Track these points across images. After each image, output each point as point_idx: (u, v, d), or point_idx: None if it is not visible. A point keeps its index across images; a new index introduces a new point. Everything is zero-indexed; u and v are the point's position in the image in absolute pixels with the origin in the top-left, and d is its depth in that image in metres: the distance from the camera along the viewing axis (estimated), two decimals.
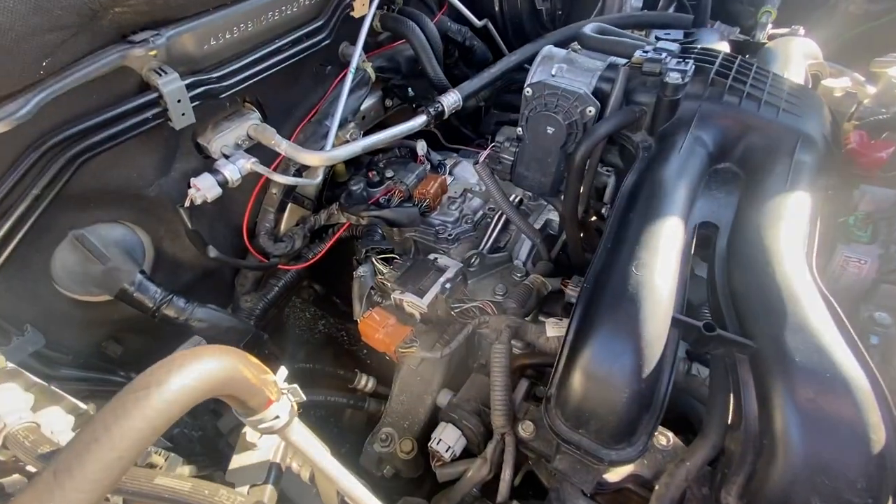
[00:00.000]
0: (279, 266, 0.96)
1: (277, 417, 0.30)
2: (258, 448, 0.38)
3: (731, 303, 0.46)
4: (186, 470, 0.43)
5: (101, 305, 0.71)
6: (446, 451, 0.59)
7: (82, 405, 0.42)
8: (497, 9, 1.19)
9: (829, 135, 0.57)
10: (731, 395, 0.44)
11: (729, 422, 0.47)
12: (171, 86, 0.61)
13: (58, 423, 0.33)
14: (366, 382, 1.02)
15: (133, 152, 0.66)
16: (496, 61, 1.06)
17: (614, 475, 0.51)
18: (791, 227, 0.47)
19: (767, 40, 0.86)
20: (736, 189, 0.55)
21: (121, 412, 0.22)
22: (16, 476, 0.30)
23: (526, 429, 0.55)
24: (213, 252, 0.79)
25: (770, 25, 0.89)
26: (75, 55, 0.50)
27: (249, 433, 0.38)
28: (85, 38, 0.49)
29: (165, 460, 0.43)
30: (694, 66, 0.58)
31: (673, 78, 0.56)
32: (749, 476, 0.42)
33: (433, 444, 0.60)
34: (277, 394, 0.30)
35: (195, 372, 0.24)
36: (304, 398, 0.32)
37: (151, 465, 0.42)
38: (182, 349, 0.77)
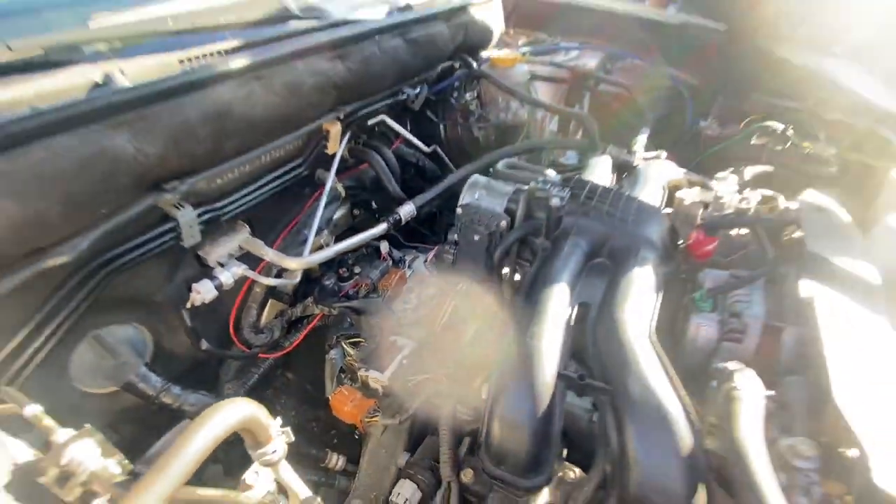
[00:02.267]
0: (259, 355, 1.09)
1: (275, 452, 0.44)
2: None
3: (598, 360, 0.64)
4: None
5: (106, 396, 0.82)
6: (404, 502, 0.71)
7: None
8: (443, 136, 1.49)
9: (666, 237, 0.81)
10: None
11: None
12: (187, 217, 0.80)
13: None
14: (336, 461, 1.11)
15: (148, 266, 0.83)
16: (444, 177, 1.33)
17: None
18: (635, 302, 0.68)
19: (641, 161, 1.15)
20: (605, 277, 0.77)
21: (186, 436, 0.37)
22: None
23: (466, 475, 0.69)
24: (204, 345, 0.93)
25: (642, 149, 1.19)
26: (122, 203, 0.69)
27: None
28: (132, 192, 0.69)
29: None
30: (570, 193, 0.83)
31: (555, 202, 0.80)
32: (620, 487, 0.57)
33: (393, 498, 0.72)
34: (276, 434, 0.44)
35: (232, 412, 0.40)
36: (293, 438, 0.47)
37: None
38: (169, 435, 0.88)
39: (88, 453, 0.44)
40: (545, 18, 1.84)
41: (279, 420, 0.47)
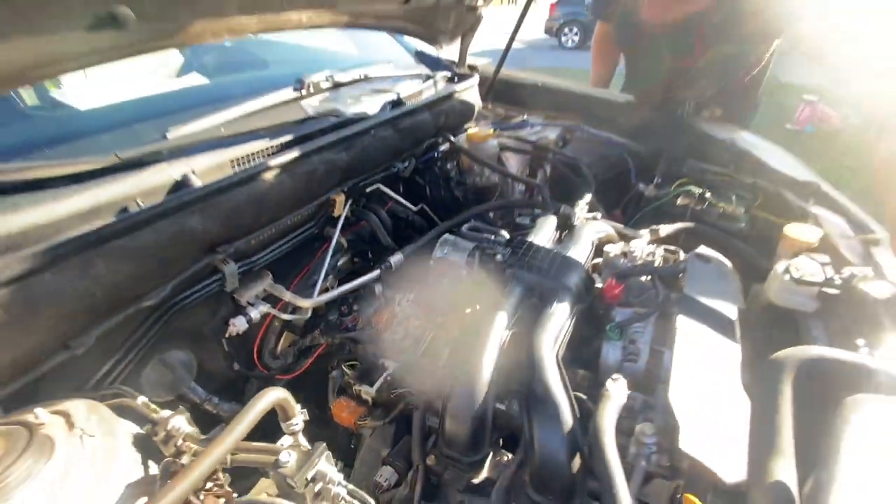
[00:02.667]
0: (276, 377, 1.36)
1: (297, 424, 0.71)
2: None
3: (520, 371, 0.91)
4: None
5: (165, 403, 1.08)
6: (384, 482, 0.96)
7: None
8: (429, 196, 1.81)
9: (582, 283, 1.09)
10: None
11: None
12: (231, 269, 1.09)
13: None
14: (335, 465, 1.35)
15: (198, 306, 1.12)
16: (430, 230, 1.63)
17: (477, 479, 0.90)
18: (548, 329, 0.95)
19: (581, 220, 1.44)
20: (535, 313, 1.05)
21: (248, 407, 0.64)
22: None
23: (430, 459, 0.94)
24: (236, 367, 1.20)
25: (583, 210, 1.48)
26: (191, 262, 0.99)
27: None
28: (197, 254, 0.99)
29: None
30: (510, 251, 1.12)
31: (498, 258, 1.09)
32: (530, 462, 0.83)
33: (376, 479, 0.97)
34: (298, 412, 0.71)
35: (271, 395, 0.67)
36: (308, 418, 0.74)
37: None
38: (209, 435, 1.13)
39: (182, 423, 0.71)
40: (517, 94, 2.20)
41: (299, 406, 0.74)
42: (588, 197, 1.56)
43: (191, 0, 0.82)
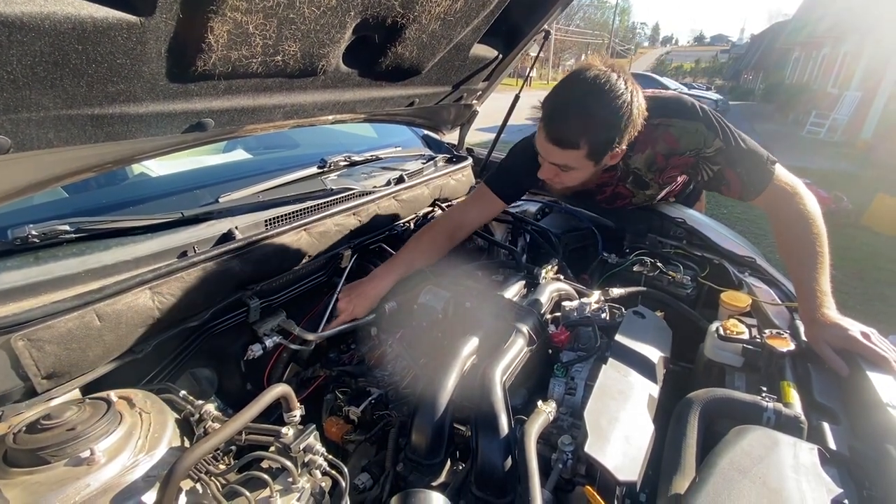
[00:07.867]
0: None
1: (296, 416, 0.95)
2: None
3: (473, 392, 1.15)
4: None
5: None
6: (361, 484, 1.17)
7: None
8: None
9: (536, 326, 1.35)
10: None
11: None
12: (254, 304, 1.38)
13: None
14: None
15: (225, 332, 1.40)
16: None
17: (435, 482, 1.10)
18: (500, 362, 1.19)
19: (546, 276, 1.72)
20: (493, 348, 1.29)
21: (256, 399, 0.89)
22: None
23: (399, 466, 1.16)
24: (248, 386, 1.45)
25: (551, 271, 1.76)
26: (226, 296, 1.28)
27: None
28: (232, 290, 1.29)
29: None
30: (478, 300, 1.39)
31: (467, 306, 1.36)
32: (474, 468, 1.04)
33: (354, 481, 1.18)
34: (297, 406, 0.96)
35: (278, 388, 0.92)
36: (304, 412, 0.98)
37: None
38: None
39: (211, 408, 0.97)
40: None
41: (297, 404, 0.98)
42: (554, 261, 1.85)
43: (251, 111, 1.18)
